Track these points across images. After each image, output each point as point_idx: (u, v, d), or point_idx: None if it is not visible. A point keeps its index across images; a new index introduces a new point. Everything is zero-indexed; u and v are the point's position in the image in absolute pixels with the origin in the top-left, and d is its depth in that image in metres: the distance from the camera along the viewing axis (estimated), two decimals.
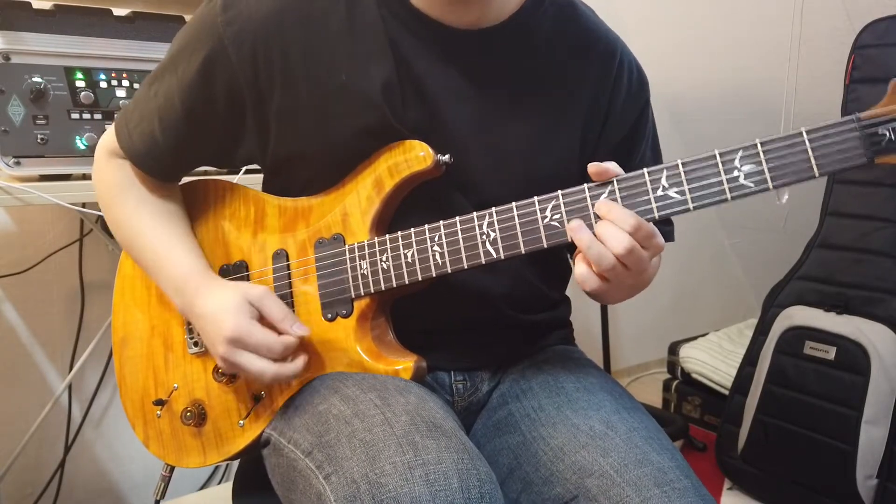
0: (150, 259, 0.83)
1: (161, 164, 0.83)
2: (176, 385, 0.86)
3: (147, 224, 0.83)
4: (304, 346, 0.79)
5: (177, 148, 0.81)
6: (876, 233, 1.51)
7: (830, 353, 1.48)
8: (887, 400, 1.40)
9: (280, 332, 0.75)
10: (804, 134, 0.60)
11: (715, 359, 1.96)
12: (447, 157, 0.74)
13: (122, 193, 0.85)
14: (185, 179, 0.90)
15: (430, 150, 0.73)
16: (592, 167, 0.66)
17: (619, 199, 0.65)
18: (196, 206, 0.87)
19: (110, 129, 0.85)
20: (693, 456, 1.87)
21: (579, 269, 0.67)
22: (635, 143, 0.85)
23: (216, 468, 1.65)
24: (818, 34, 2.05)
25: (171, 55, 0.79)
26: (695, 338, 2.11)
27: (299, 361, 0.76)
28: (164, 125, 0.80)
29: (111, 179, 0.86)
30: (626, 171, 0.67)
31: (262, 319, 0.75)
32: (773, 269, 1.76)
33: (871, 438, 1.40)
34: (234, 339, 0.73)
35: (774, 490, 1.59)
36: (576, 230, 0.65)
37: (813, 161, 0.60)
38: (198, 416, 0.84)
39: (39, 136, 1.12)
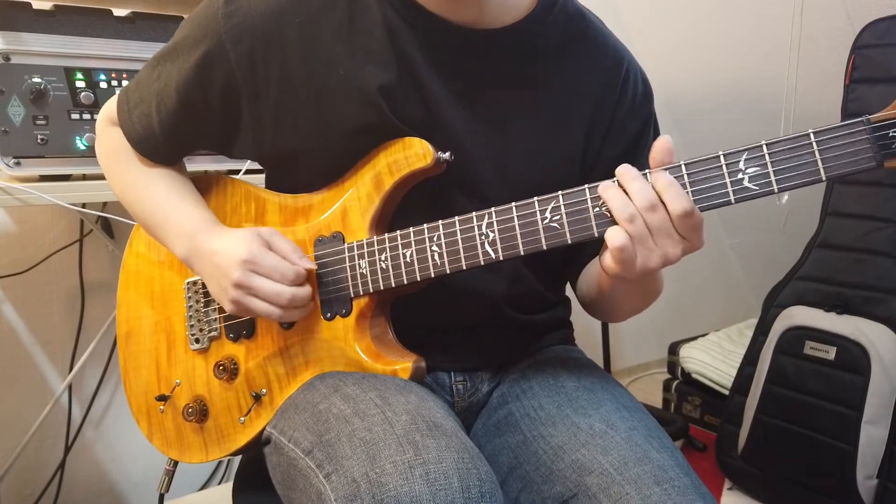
0: (159, 214, 0.82)
1: (158, 150, 0.84)
2: (178, 381, 0.87)
3: (156, 184, 0.84)
4: (303, 344, 0.79)
5: (173, 138, 0.82)
6: (876, 233, 1.51)
7: (830, 353, 1.48)
8: (887, 400, 1.40)
9: None
10: (811, 136, 0.59)
11: (715, 359, 1.96)
12: (447, 154, 0.74)
13: (129, 157, 0.86)
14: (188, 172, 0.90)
15: (430, 148, 0.73)
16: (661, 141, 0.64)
17: None
18: None
19: (111, 102, 0.87)
20: (693, 456, 1.87)
21: (611, 231, 0.63)
22: (637, 156, 0.84)
23: (217, 468, 1.66)
24: (818, 34, 2.05)
25: (174, 42, 0.80)
26: (695, 338, 2.11)
27: (309, 288, 0.75)
28: (162, 113, 0.80)
29: (115, 143, 0.86)
30: None
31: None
32: (774, 269, 1.76)
33: (871, 438, 1.40)
34: (249, 261, 0.72)
35: (774, 490, 1.58)
36: (605, 188, 0.64)
37: (820, 164, 0.59)
38: (199, 412, 0.84)
39: (39, 137, 1.12)
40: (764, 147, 0.60)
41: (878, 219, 1.51)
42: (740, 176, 0.61)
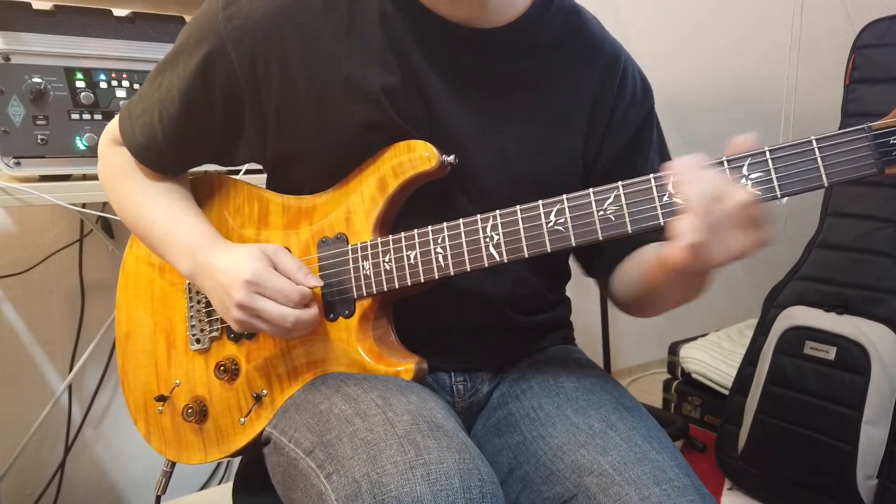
0: (161, 230, 0.82)
1: (161, 159, 0.84)
2: (178, 381, 0.86)
3: (157, 200, 0.84)
4: (305, 345, 0.79)
5: (176, 144, 0.82)
6: (876, 233, 1.51)
7: (830, 353, 1.48)
8: (887, 400, 1.40)
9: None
10: (814, 142, 0.59)
11: (715, 359, 1.96)
12: (452, 157, 0.74)
13: (132, 174, 0.85)
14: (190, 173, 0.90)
15: (435, 151, 0.73)
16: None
17: (623, 205, 0.65)
18: (199, 202, 0.87)
19: (113, 121, 0.87)
20: (693, 456, 1.87)
21: (685, 221, 0.59)
22: (640, 150, 0.85)
23: (216, 468, 1.65)
24: (818, 34, 2.05)
25: (174, 50, 0.80)
26: (695, 338, 2.11)
27: (315, 309, 0.75)
28: (164, 120, 0.80)
29: (117, 162, 0.86)
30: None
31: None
32: (774, 269, 1.76)
33: (871, 438, 1.40)
34: (253, 282, 0.72)
35: (774, 490, 1.58)
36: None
37: (822, 170, 0.59)
38: (199, 413, 0.84)
39: (39, 137, 1.12)
40: (767, 153, 0.61)
41: (877, 219, 1.51)
42: (744, 182, 0.61)
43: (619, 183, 0.65)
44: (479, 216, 0.70)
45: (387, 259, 0.74)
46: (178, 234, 0.80)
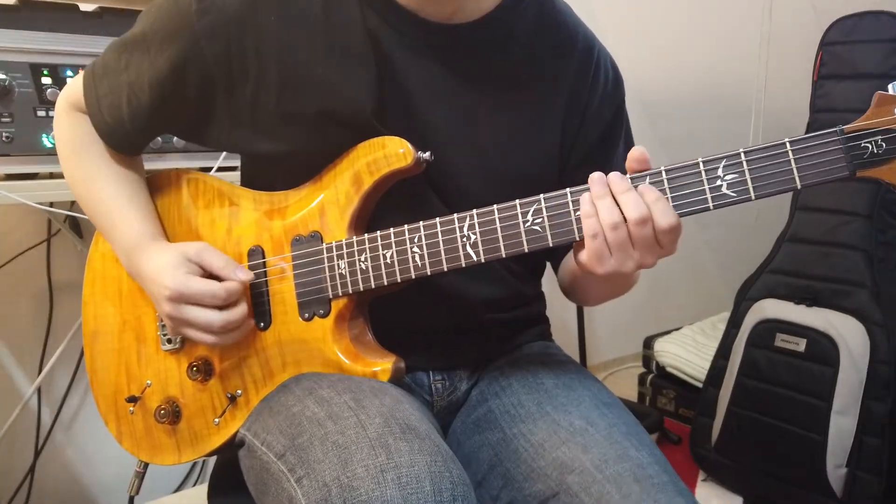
0: (105, 220, 0.83)
1: (126, 140, 0.83)
2: (149, 382, 0.85)
3: (106, 185, 0.83)
4: (280, 346, 0.78)
5: (144, 130, 0.82)
6: (843, 226, 1.53)
7: (801, 345, 1.51)
8: (856, 390, 1.43)
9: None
10: (787, 144, 0.60)
11: (689, 352, 1.99)
12: (427, 154, 0.74)
13: (84, 150, 0.84)
14: (159, 169, 0.89)
15: (410, 147, 0.73)
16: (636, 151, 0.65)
17: None
18: (169, 199, 0.86)
19: (74, 83, 0.84)
20: (668, 448, 1.89)
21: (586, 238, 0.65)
22: (612, 145, 0.85)
23: (192, 469, 1.63)
24: (787, 32, 2.09)
25: (142, 31, 0.77)
26: (669, 332, 2.14)
27: (244, 307, 0.77)
28: (133, 105, 0.79)
29: (73, 134, 0.85)
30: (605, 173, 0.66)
31: (206, 274, 0.77)
32: (746, 262, 1.78)
33: (840, 428, 1.43)
34: (175, 295, 0.74)
35: (748, 481, 1.61)
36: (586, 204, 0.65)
37: (796, 172, 0.60)
38: (172, 413, 0.82)
39: (4, 135, 1.09)
40: (742, 154, 0.61)
41: (845, 213, 1.53)
42: (719, 183, 0.62)
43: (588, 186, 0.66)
44: (455, 215, 0.70)
45: (363, 258, 0.74)
46: (120, 228, 0.82)
